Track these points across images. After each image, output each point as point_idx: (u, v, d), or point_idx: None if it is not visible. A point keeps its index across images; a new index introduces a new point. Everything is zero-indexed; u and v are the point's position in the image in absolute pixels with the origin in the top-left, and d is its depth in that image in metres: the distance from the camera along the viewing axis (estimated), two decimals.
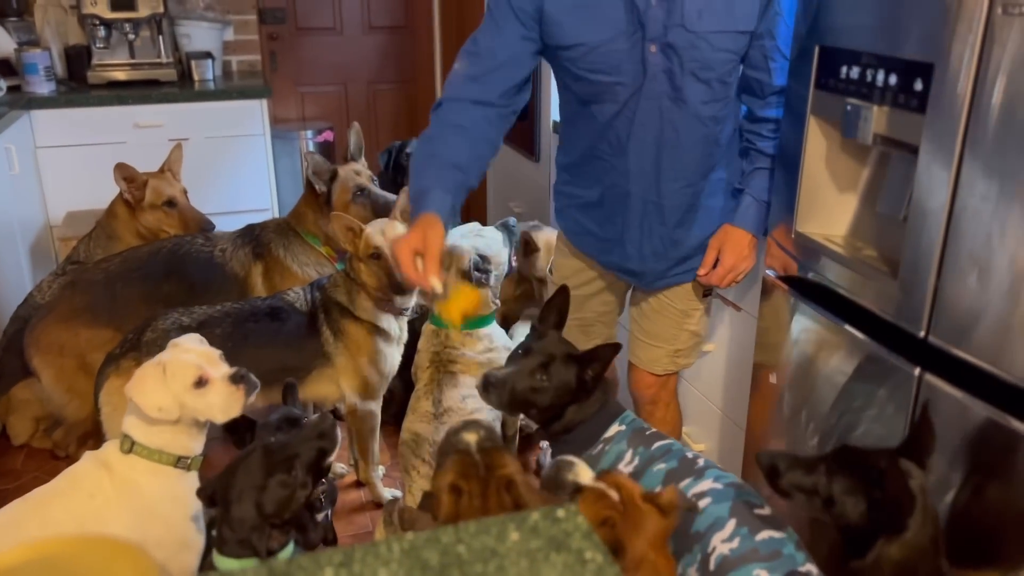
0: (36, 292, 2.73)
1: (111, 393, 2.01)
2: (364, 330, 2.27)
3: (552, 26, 1.68)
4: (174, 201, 2.82)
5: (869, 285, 1.48)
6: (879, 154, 1.55)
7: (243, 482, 1.44)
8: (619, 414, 1.67)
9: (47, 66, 3.61)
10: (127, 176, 2.75)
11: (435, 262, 1.60)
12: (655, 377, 2.07)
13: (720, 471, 1.49)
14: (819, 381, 1.64)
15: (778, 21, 1.69)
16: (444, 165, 1.69)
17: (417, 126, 4.99)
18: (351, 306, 2.26)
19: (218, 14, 4.23)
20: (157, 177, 2.83)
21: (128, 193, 2.76)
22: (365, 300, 2.26)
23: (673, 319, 1.99)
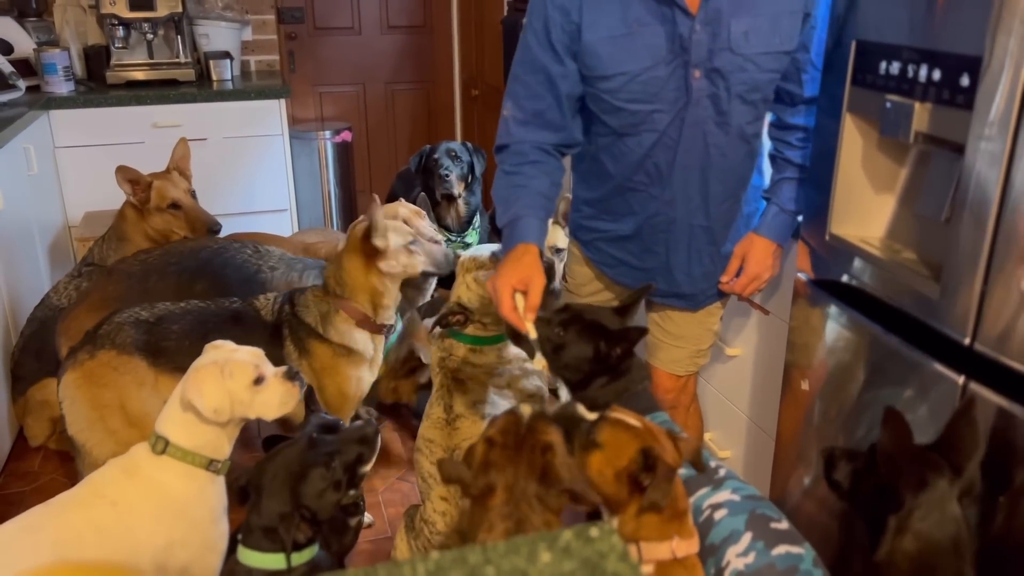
0: (53, 293, 2.72)
1: (68, 386, 1.99)
2: (331, 351, 2.14)
3: (591, 58, 1.64)
4: (179, 203, 2.76)
5: (909, 289, 1.42)
6: (919, 153, 1.49)
7: (281, 469, 1.51)
8: (650, 411, 1.62)
9: (66, 66, 3.60)
10: (131, 179, 2.71)
11: (535, 306, 1.57)
12: (675, 380, 2.02)
13: (740, 483, 1.44)
14: (854, 389, 1.59)
15: (813, 34, 1.65)
16: (532, 194, 1.69)
17: (434, 126, 4.96)
18: (321, 327, 2.12)
19: (237, 14, 4.21)
20: (162, 178, 2.77)
21: (133, 196, 2.72)
22: (341, 321, 2.13)
23: (698, 319, 1.95)
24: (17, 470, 2.65)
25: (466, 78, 4.79)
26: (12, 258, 2.82)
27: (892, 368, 1.47)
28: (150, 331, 2.01)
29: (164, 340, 2.00)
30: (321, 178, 4.39)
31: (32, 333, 2.65)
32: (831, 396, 1.67)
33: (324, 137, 4.33)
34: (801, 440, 1.80)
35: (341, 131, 4.41)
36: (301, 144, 4.23)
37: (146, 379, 1.98)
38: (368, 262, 2.11)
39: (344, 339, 2.14)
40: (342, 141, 4.40)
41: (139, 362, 1.99)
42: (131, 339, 1.99)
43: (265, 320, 2.13)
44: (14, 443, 2.73)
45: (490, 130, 4.28)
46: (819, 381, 1.70)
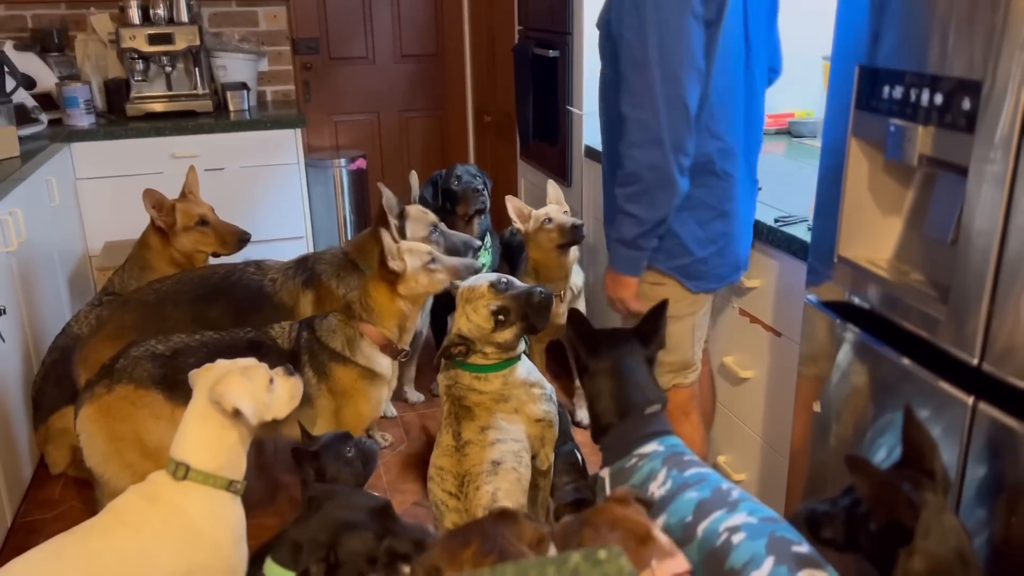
0: (74, 322, 2.76)
1: (85, 420, 2.03)
2: (355, 374, 2.19)
3: None
4: (206, 219, 2.85)
5: (917, 310, 1.43)
6: (924, 175, 1.50)
7: (344, 505, 1.54)
8: (660, 433, 1.64)
9: (87, 99, 3.68)
10: (156, 203, 2.78)
11: None
12: None
13: (755, 504, 1.44)
14: (866, 409, 1.59)
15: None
16: None
17: (448, 152, 5.01)
18: (348, 350, 2.18)
19: (253, 46, 4.30)
20: (182, 200, 2.86)
21: (159, 220, 2.78)
22: (367, 345, 2.18)
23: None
24: (38, 498, 2.68)
25: (478, 105, 4.85)
26: (34, 288, 2.87)
27: (902, 389, 1.47)
28: (166, 365, 2.05)
29: (180, 373, 2.03)
30: (336, 205, 4.44)
31: (53, 362, 2.69)
32: (843, 418, 1.67)
33: (339, 165, 4.39)
34: (815, 462, 1.80)
35: (356, 159, 4.47)
36: (317, 172, 4.29)
37: (162, 412, 2.02)
38: (392, 287, 2.17)
39: (370, 362, 2.20)
40: (357, 168, 4.46)
41: (156, 396, 2.02)
42: (147, 373, 2.03)
43: (282, 348, 2.17)
44: (35, 471, 2.77)
45: (503, 155, 4.35)
46: (831, 403, 1.71)
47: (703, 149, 1.88)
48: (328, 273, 2.61)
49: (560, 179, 3.35)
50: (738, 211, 2.00)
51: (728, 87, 1.87)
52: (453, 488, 1.93)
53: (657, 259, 1.98)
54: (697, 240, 1.96)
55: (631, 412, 1.67)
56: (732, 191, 1.96)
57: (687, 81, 1.76)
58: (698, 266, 1.99)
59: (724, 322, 2.35)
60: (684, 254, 1.97)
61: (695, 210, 1.94)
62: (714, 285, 2.06)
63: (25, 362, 2.72)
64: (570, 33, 3.10)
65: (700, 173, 1.90)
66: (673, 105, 1.76)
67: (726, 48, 1.83)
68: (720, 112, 1.88)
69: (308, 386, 2.12)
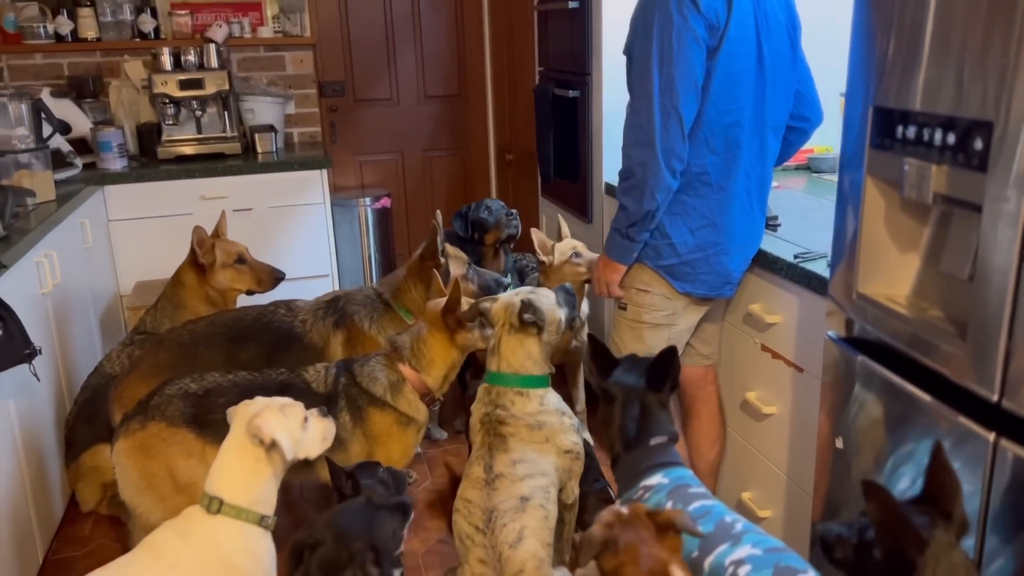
0: (106, 361, 2.82)
1: (120, 454, 2.07)
2: (391, 419, 2.21)
3: None
4: (244, 257, 2.94)
5: (937, 347, 1.44)
6: (940, 213, 1.52)
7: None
8: (666, 465, 1.67)
9: (120, 143, 3.79)
10: (199, 240, 2.86)
11: None
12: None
13: (759, 535, 1.44)
14: (888, 445, 1.59)
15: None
16: None
17: (470, 189, 5.08)
18: (390, 395, 2.19)
19: (281, 89, 4.41)
20: (219, 239, 2.95)
21: (202, 257, 2.86)
22: (410, 391, 2.21)
23: None
24: (69, 535, 2.72)
25: (500, 144, 4.92)
26: (68, 328, 2.94)
27: (923, 425, 1.47)
28: (198, 404, 2.09)
29: (211, 413, 2.08)
30: (361, 243, 4.51)
31: (86, 400, 2.75)
32: (864, 453, 1.67)
33: (364, 204, 4.46)
34: (839, 498, 1.79)
35: (381, 197, 4.54)
36: (342, 211, 4.37)
37: (194, 450, 2.06)
38: (451, 337, 2.22)
39: (411, 408, 2.22)
40: (382, 207, 4.53)
41: (187, 434, 2.06)
42: (180, 412, 2.07)
43: (316, 391, 2.19)
44: (66, 508, 2.81)
45: (524, 192, 4.40)
46: (853, 438, 1.71)
47: (700, 160, 2.08)
48: (361, 314, 2.63)
49: (581, 216, 3.39)
50: (731, 225, 2.15)
51: (731, 110, 2.06)
52: (480, 523, 1.93)
53: (648, 256, 2.17)
54: (686, 244, 2.15)
55: (637, 443, 1.71)
56: (726, 205, 2.13)
57: (682, 94, 1.97)
58: (684, 268, 2.17)
59: (746, 358, 2.36)
60: (672, 255, 2.16)
61: (688, 216, 2.13)
62: (700, 291, 2.21)
63: (58, 401, 2.78)
64: (589, 74, 3.15)
65: (696, 183, 2.10)
66: (668, 114, 1.98)
67: (729, 73, 2.02)
68: (720, 130, 2.07)
69: (343, 430, 2.14)
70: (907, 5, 1.42)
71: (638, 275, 2.21)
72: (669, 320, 2.22)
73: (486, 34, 4.88)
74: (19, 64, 4.09)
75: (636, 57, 2.03)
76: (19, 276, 2.44)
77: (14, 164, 3.02)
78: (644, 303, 2.21)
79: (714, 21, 1.95)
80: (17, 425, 2.38)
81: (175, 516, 1.73)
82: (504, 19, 4.51)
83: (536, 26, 3.80)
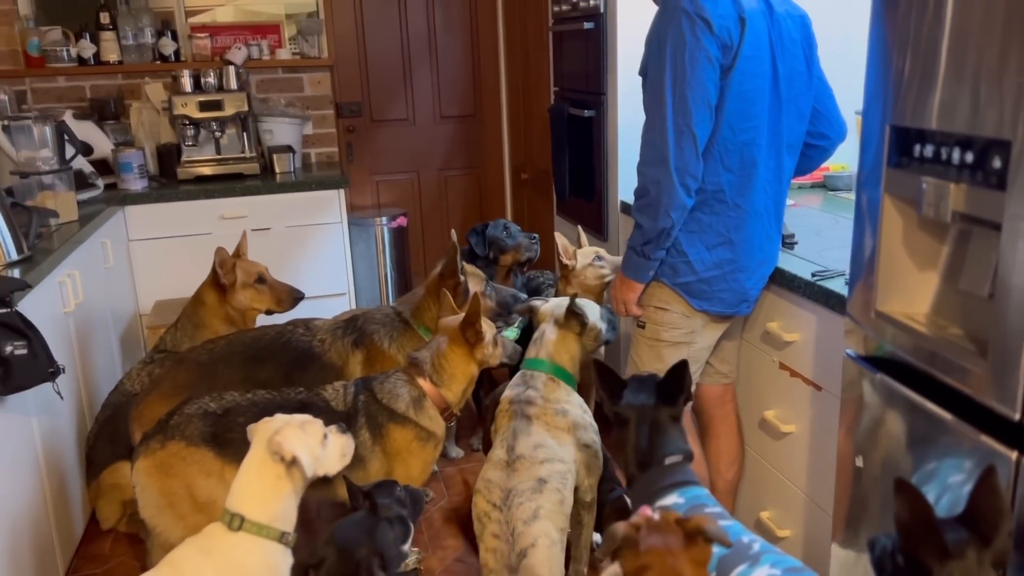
0: (126, 379, 2.85)
1: (139, 473, 2.08)
2: (411, 435, 2.22)
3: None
4: (264, 277, 2.98)
5: (957, 365, 1.44)
6: (959, 231, 1.52)
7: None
8: (682, 484, 1.66)
9: (140, 164, 3.84)
10: (221, 260, 2.89)
11: None
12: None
13: (778, 555, 1.43)
14: (908, 464, 1.58)
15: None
16: None
17: (486, 208, 5.11)
18: (413, 413, 2.21)
19: (298, 110, 4.46)
20: (240, 259, 2.98)
21: (223, 277, 2.89)
22: (431, 406, 2.23)
23: None
24: (89, 553, 2.74)
25: (515, 163, 4.95)
26: (89, 347, 2.97)
27: (944, 444, 1.47)
28: (217, 423, 2.11)
29: (230, 432, 2.09)
30: (378, 262, 4.54)
31: (106, 418, 2.77)
32: (885, 472, 1.66)
33: (381, 223, 4.49)
34: (859, 517, 1.78)
35: (397, 216, 4.57)
36: (359, 230, 4.40)
37: (212, 469, 2.07)
38: (470, 351, 2.25)
39: (432, 423, 2.24)
40: (398, 226, 4.56)
41: (206, 453, 2.08)
42: (199, 431, 2.09)
43: (335, 410, 2.20)
44: (86, 526, 2.83)
45: (539, 211, 4.42)
46: (873, 457, 1.70)
47: (715, 179, 2.09)
48: (380, 333, 2.64)
49: (596, 233, 3.40)
50: (748, 243, 2.16)
51: (746, 128, 2.07)
52: (498, 500, 1.98)
53: (665, 274, 2.18)
54: (702, 262, 2.15)
55: (651, 463, 1.71)
56: (742, 222, 2.13)
57: (696, 113, 1.99)
58: (702, 286, 2.17)
59: (764, 376, 2.35)
60: (689, 273, 2.16)
61: (704, 234, 2.14)
62: (718, 309, 2.21)
63: (79, 419, 2.80)
64: (604, 93, 3.18)
65: (711, 201, 2.11)
66: (682, 132, 1.99)
67: (743, 92, 2.03)
68: (735, 148, 2.08)
69: (362, 447, 2.15)
70: (923, 22, 1.43)
71: (656, 293, 2.22)
72: (688, 338, 2.22)
73: (501, 55, 4.92)
74: (42, 87, 4.16)
75: (650, 77, 2.05)
76: (43, 295, 2.47)
77: (38, 185, 3.07)
78: (662, 321, 2.22)
79: (727, 41, 1.97)
80: (40, 443, 2.40)
81: (194, 534, 1.75)
82: (519, 40, 4.55)
83: (551, 47, 3.83)
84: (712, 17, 1.94)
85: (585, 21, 3.20)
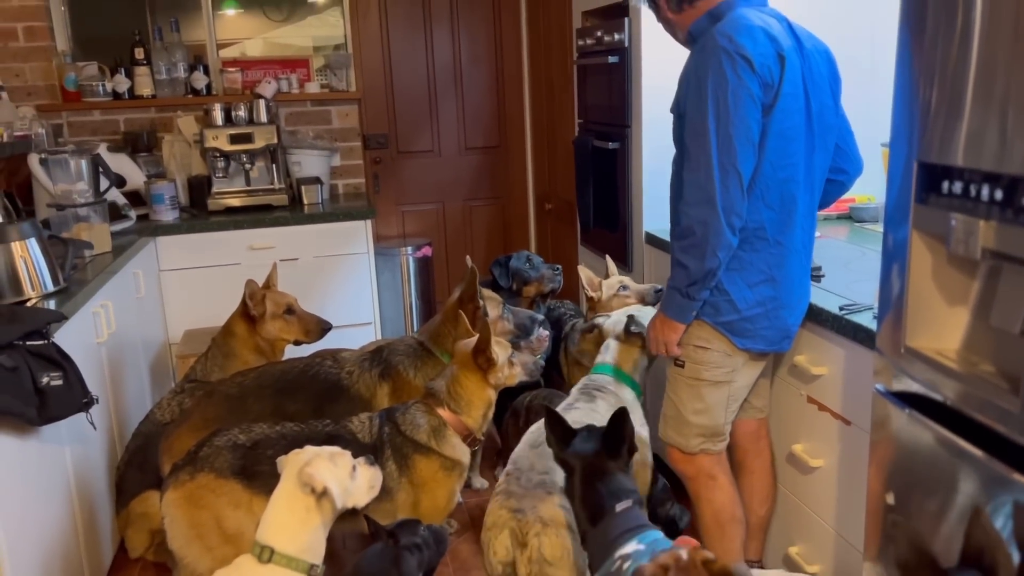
0: (156, 409, 2.88)
1: (169, 505, 2.11)
2: (436, 464, 2.23)
3: None
4: (293, 308, 3.02)
5: (988, 402, 1.42)
6: (989, 267, 1.51)
7: None
8: (637, 529, 1.66)
9: (172, 196, 3.91)
10: (251, 292, 2.94)
11: None
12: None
13: None
14: (939, 502, 1.56)
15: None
16: None
17: (510, 238, 5.15)
18: (435, 443, 2.22)
19: (327, 142, 4.53)
20: (269, 290, 3.02)
21: (253, 309, 2.93)
22: (452, 434, 2.24)
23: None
24: None
25: (539, 193, 4.98)
26: (120, 376, 3.01)
27: (976, 481, 1.45)
28: (246, 456, 2.13)
29: (259, 464, 2.11)
30: (403, 291, 4.58)
31: (137, 447, 2.80)
32: (916, 509, 1.64)
33: (406, 253, 4.54)
34: (889, 555, 1.76)
35: (422, 246, 4.62)
36: (384, 260, 4.44)
37: (241, 501, 2.09)
38: (483, 376, 2.26)
39: (455, 452, 2.26)
40: (423, 256, 4.60)
41: (235, 485, 2.10)
42: (228, 463, 2.11)
43: (362, 442, 2.22)
44: (115, 555, 2.85)
45: (563, 240, 4.44)
46: (903, 494, 1.68)
47: (757, 216, 2.07)
48: (405, 364, 2.67)
49: (620, 264, 3.41)
50: (789, 280, 2.14)
51: (785, 165, 2.06)
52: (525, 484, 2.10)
53: (707, 313, 2.14)
54: (745, 300, 2.12)
55: (603, 514, 1.71)
56: (784, 259, 2.12)
57: (741, 151, 1.97)
58: (744, 324, 2.14)
59: (792, 409, 2.34)
60: (731, 311, 2.13)
61: (745, 272, 2.11)
62: (761, 347, 2.18)
63: (110, 448, 2.84)
64: (628, 126, 3.20)
65: (753, 238, 2.09)
66: (727, 171, 1.98)
67: (783, 130, 2.03)
68: (775, 185, 2.06)
69: (389, 479, 2.16)
70: (949, 53, 1.43)
71: (696, 332, 2.17)
72: (729, 377, 2.19)
73: (526, 87, 4.98)
74: (78, 120, 4.26)
75: (689, 115, 2.03)
76: (77, 326, 2.52)
77: (74, 217, 3.14)
78: (703, 360, 2.18)
79: (768, 79, 1.97)
80: (72, 472, 2.43)
81: (222, 566, 1.76)
82: (544, 73, 4.61)
83: (575, 80, 3.87)
84: (753, 55, 1.94)
85: (610, 55, 3.24)
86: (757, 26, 1.98)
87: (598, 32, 3.37)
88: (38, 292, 2.49)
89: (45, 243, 2.56)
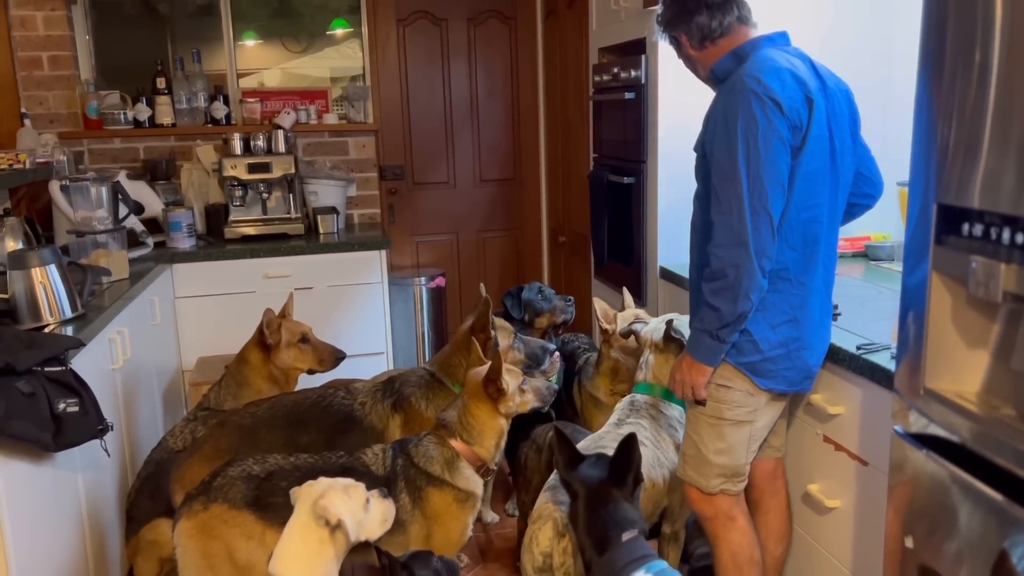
0: (169, 436, 2.88)
1: (181, 534, 2.10)
2: (450, 497, 2.22)
3: None
4: (307, 337, 3.02)
5: (1009, 446, 1.41)
6: (1009, 310, 1.51)
7: None
8: (644, 559, 1.64)
9: (189, 224, 3.95)
10: (268, 321, 2.95)
11: None
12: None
13: None
14: (959, 546, 1.54)
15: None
16: None
17: (523, 270, 5.16)
18: (448, 475, 2.22)
19: (343, 173, 4.57)
20: (285, 319, 3.04)
21: (269, 338, 2.94)
22: (465, 466, 2.24)
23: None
24: None
25: (553, 225, 5.00)
26: (133, 403, 3.02)
27: (997, 526, 1.43)
28: (260, 487, 2.12)
29: (272, 496, 2.10)
30: (415, 321, 4.58)
31: (148, 475, 2.79)
32: (936, 553, 1.62)
33: (420, 283, 4.55)
34: None
35: (435, 277, 4.63)
36: (398, 290, 4.46)
37: (254, 532, 2.08)
38: (494, 405, 2.26)
39: (469, 484, 2.24)
40: (436, 286, 4.62)
41: (248, 516, 2.09)
42: (242, 494, 2.11)
43: (375, 474, 2.21)
44: None
45: (576, 273, 4.44)
46: (923, 537, 1.66)
47: (780, 257, 2.06)
48: (417, 395, 2.66)
49: (634, 298, 3.41)
50: (811, 320, 2.13)
51: (810, 206, 2.06)
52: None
53: (730, 353, 2.12)
54: (767, 341, 2.11)
55: (608, 544, 1.69)
56: (806, 300, 2.11)
57: (772, 194, 1.98)
58: (767, 365, 2.12)
59: (808, 449, 2.32)
60: (754, 352, 2.11)
61: (768, 312, 2.09)
62: (783, 387, 2.16)
63: (122, 475, 2.84)
64: (644, 161, 3.22)
65: (776, 279, 2.08)
66: (758, 214, 1.97)
67: (809, 171, 2.03)
68: (799, 226, 2.06)
69: (403, 512, 2.15)
70: (968, 94, 1.43)
71: (719, 371, 2.15)
72: (750, 416, 2.17)
73: (541, 121, 5.02)
74: (99, 148, 4.32)
75: (718, 158, 2.03)
76: (94, 352, 2.53)
77: (92, 244, 3.16)
78: (726, 399, 2.16)
79: (796, 122, 1.97)
80: (84, 499, 2.43)
81: None
82: (559, 107, 4.65)
83: (591, 114, 3.90)
84: (782, 99, 1.94)
85: (626, 91, 3.27)
86: (785, 68, 1.99)
87: (615, 68, 3.40)
88: (56, 318, 2.51)
89: (64, 269, 2.58)
